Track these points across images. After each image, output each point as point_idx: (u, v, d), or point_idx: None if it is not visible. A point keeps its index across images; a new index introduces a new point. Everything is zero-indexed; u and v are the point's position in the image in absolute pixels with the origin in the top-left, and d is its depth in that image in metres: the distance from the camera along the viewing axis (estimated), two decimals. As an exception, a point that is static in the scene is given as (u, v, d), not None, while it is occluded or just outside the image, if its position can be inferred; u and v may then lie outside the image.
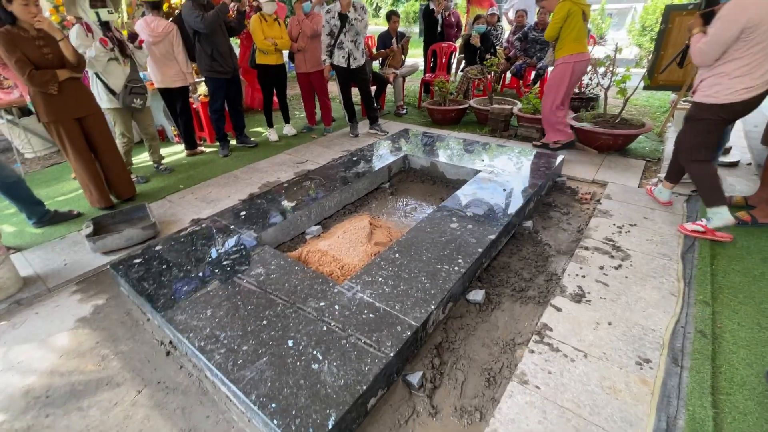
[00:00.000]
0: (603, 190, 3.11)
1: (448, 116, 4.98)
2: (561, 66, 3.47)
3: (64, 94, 2.70)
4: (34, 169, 4.26)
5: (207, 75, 3.84)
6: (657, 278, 2.10)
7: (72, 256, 2.55)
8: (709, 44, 2.18)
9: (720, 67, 2.22)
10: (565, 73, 3.45)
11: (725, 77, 2.20)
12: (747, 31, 2.06)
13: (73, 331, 1.99)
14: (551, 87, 3.59)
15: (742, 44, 2.11)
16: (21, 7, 2.44)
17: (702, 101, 2.32)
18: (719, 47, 2.15)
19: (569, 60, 3.40)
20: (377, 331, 1.60)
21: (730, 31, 2.09)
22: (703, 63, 2.28)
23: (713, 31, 2.16)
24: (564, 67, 3.45)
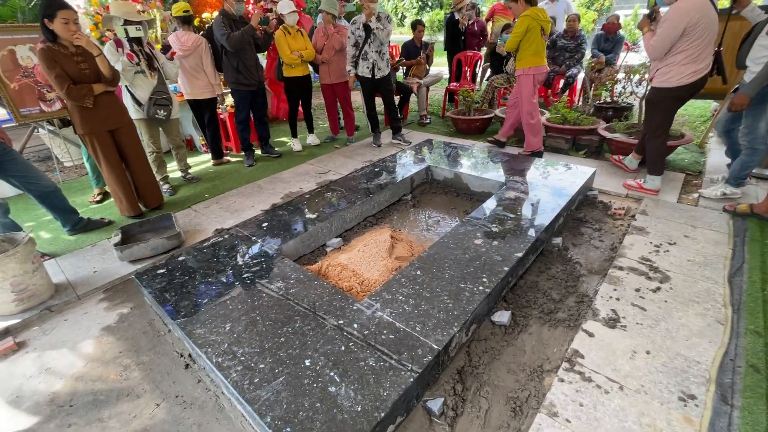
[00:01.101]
0: (638, 205, 2.94)
1: (472, 126, 4.89)
2: (523, 77, 3.74)
3: (98, 108, 2.81)
4: (71, 177, 4.46)
5: (233, 87, 3.93)
6: (701, 303, 1.94)
7: (101, 264, 2.63)
8: (660, 41, 2.65)
9: (670, 58, 2.70)
10: (528, 84, 3.71)
11: (675, 65, 2.68)
12: (689, 29, 2.55)
13: (98, 340, 2.03)
14: (525, 97, 3.78)
15: (685, 39, 2.59)
16: (62, 26, 2.56)
17: (659, 86, 2.80)
18: (668, 43, 2.63)
19: (529, 72, 3.67)
20: (397, 354, 1.54)
21: (676, 30, 2.57)
22: (656, 57, 2.75)
23: (662, 30, 2.62)
24: (526, 78, 3.71)
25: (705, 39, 2.58)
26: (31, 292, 2.20)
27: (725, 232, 2.51)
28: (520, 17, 3.54)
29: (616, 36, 5.41)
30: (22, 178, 2.65)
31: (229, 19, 3.72)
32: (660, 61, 2.75)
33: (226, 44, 3.64)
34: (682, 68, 2.66)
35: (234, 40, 3.61)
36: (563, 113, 4.22)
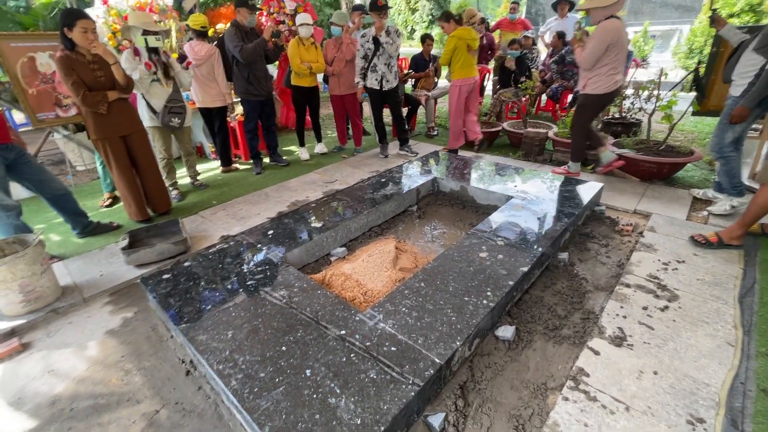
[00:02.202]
0: (646, 221, 2.91)
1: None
2: (452, 88, 4.34)
3: (111, 114, 2.87)
4: (83, 181, 4.54)
5: (243, 97, 4.01)
6: (710, 324, 1.90)
7: (108, 268, 2.65)
8: (590, 54, 3.15)
9: (598, 69, 3.21)
10: (455, 93, 4.32)
11: (603, 76, 3.20)
12: (611, 46, 3.08)
13: (101, 343, 2.04)
14: (451, 103, 4.41)
15: (609, 54, 3.12)
16: (80, 35, 2.64)
17: (591, 93, 3.31)
18: (596, 57, 3.15)
19: (457, 83, 4.28)
20: (398, 366, 1.52)
21: (602, 46, 3.08)
22: (587, 67, 3.25)
23: (591, 45, 3.13)
24: (454, 88, 4.32)
25: (621, 55, 3.14)
26: (38, 294, 2.22)
27: (736, 251, 2.47)
28: (449, 37, 4.13)
29: None
30: (35, 181, 2.70)
31: (242, 30, 3.80)
32: (589, 71, 3.26)
33: (238, 56, 3.72)
34: (608, 78, 3.20)
35: (246, 53, 3.69)
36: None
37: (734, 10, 7.92)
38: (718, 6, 7.97)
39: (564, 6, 5.98)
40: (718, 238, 2.49)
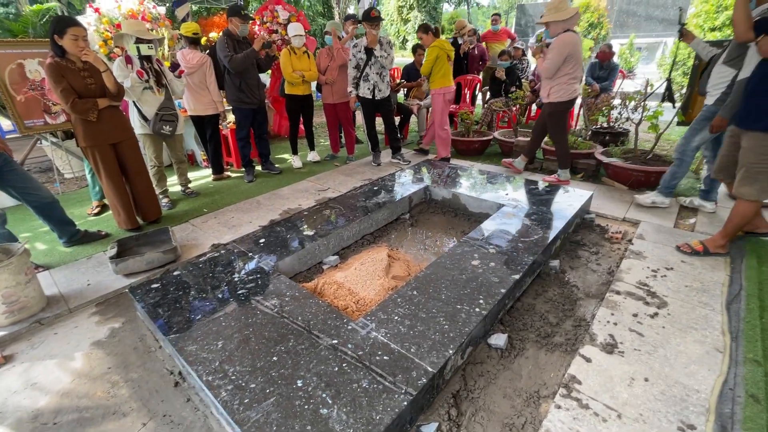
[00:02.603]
0: (635, 229, 2.96)
1: (471, 147, 4.96)
2: (435, 96, 4.44)
3: (101, 121, 2.85)
4: (71, 189, 4.48)
5: (234, 105, 4.01)
6: (699, 330, 1.92)
7: (95, 277, 2.60)
8: (550, 64, 3.41)
9: (558, 78, 3.47)
10: (439, 101, 4.41)
11: (564, 84, 3.47)
12: (569, 57, 3.35)
13: (87, 355, 1.99)
14: (437, 112, 4.48)
15: (567, 64, 3.38)
16: (71, 42, 2.63)
17: (556, 101, 3.55)
18: (556, 66, 3.40)
19: (440, 92, 4.38)
20: (391, 376, 1.51)
21: (561, 57, 3.35)
22: (548, 76, 3.50)
23: (551, 56, 3.39)
24: (437, 96, 4.41)
25: (578, 65, 3.41)
26: (22, 304, 2.17)
27: (722, 258, 2.51)
28: (430, 47, 4.25)
29: (610, 64, 5.55)
30: (21, 189, 2.66)
31: (233, 39, 3.81)
32: (551, 80, 3.52)
33: (228, 65, 3.74)
34: (568, 86, 3.47)
35: (235, 63, 3.70)
36: (561, 137, 4.28)
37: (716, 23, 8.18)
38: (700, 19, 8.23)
39: (552, 18, 6.10)
40: (704, 247, 2.53)
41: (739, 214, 2.40)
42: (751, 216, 2.39)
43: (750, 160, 2.27)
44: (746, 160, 2.29)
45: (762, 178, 2.25)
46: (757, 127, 2.21)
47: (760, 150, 2.21)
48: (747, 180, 2.30)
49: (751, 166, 2.27)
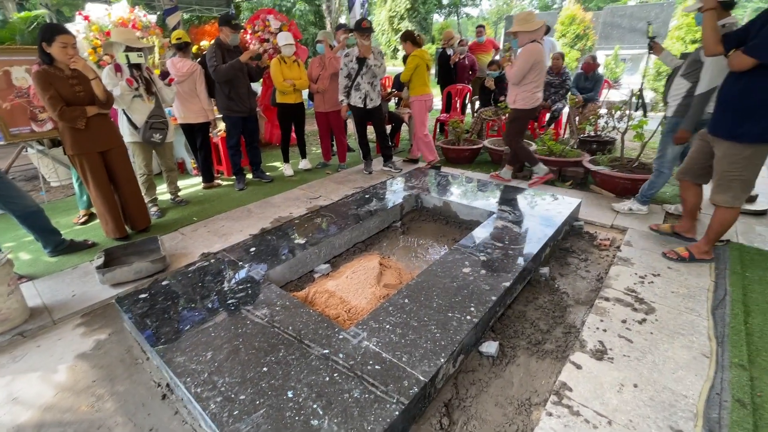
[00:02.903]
0: (623, 236, 3.00)
1: (462, 155, 5.01)
2: (416, 102, 4.58)
3: (90, 129, 2.82)
4: (57, 198, 4.40)
5: (224, 114, 4.01)
6: (686, 335, 1.95)
7: (81, 287, 2.55)
8: (517, 71, 3.62)
9: (524, 86, 3.68)
10: (421, 107, 4.59)
11: (529, 92, 3.69)
12: (535, 66, 3.57)
13: (71, 368, 1.94)
14: (417, 118, 4.64)
15: (532, 72, 3.61)
16: (59, 49, 2.61)
17: (521, 108, 3.79)
18: (522, 73, 3.61)
19: (420, 98, 4.56)
20: (383, 385, 1.50)
21: (527, 65, 3.57)
22: (515, 82, 3.71)
23: (518, 64, 3.60)
24: (418, 103, 4.57)
25: (541, 75, 3.65)
26: (4, 316, 2.11)
27: (707, 264, 2.57)
28: (411, 56, 4.42)
29: (595, 75, 5.68)
30: (4, 198, 2.60)
31: (223, 48, 3.82)
32: (517, 87, 3.72)
33: (212, 75, 3.78)
34: (532, 95, 3.70)
35: (220, 73, 3.74)
36: (549, 146, 4.36)
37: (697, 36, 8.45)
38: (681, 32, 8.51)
39: (540, 30, 6.24)
40: (689, 253, 2.59)
41: (719, 221, 2.46)
42: (730, 223, 2.45)
43: (723, 168, 2.35)
44: (719, 169, 2.37)
45: (735, 185, 2.33)
46: (729, 137, 2.29)
47: (732, 159, 2.29)
48: (721, 188, 2.38)
49: (724, 174, 2.35)
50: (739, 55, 2.10)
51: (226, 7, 9.42)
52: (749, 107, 2.17)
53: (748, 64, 2.08)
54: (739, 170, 2.29)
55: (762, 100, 2.12)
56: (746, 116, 2.18)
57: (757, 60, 2.03)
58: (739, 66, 2.12)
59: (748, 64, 2.07)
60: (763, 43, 2.01)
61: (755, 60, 2.04)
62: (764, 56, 2.01)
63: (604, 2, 24.35)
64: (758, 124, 2.16)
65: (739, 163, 2.27)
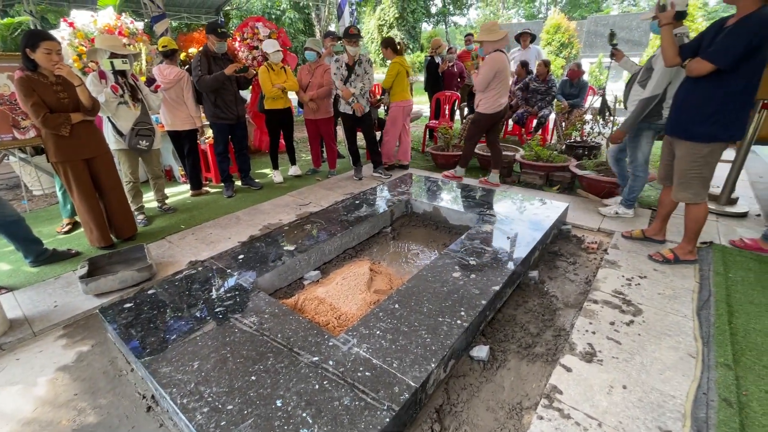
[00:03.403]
0: (610, 239, 3.05)
1: (451, 161, 5.04)
2: (395, 108, 4.73)
3: (74, 136, 2.77)
4: (40, 206, 4.30)
5: (211, 121, 3.99)
6: (672, 336, 1.98)
7: (63, 298, 2.49)
8: (482, 78, 3.81)
9: (489, 92, 3.87)
10: (399, 113, 4.74)
11: (492, 98, 3.89)
12: (497, 74, 3.76)
13: (52, 381, 1.88)
14: (394, 123, 4.79)
15: (496, 80, 3.79)
16: (43, 56, 2.57)
17: (484, 112, 3.97)
18: (487, 80, 3.79)
19: (400, 104, 4.71)
20: (373, 392, 1.48)
21: (491, 73, 3.75)
22: (480, 89, 3.90)
23: (483, 71, 3.79)
24: (397, 108, 4.72)
25: (505, 82, 3.84)
26: (-19, 329, 2.05)
27: (691, 265, 2.61)
28: (392, 63, 4.55)
29: (580, 81, 5.80)
30: (-17, 207, 2.54)
31: (210, 57, 3.80)
32: (482, 93, 3.92)
33: (197, 85, 3.79)
34: (494, 101, 3.90)
35: (203, 84, 3.75)
36: (536, 151, 4.42)
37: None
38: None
39: (526, 38, 6.38)
40: (674, 255, 2.65)
41: (692, 219, 2.57)
42: (702, 218, 2.55)
43: (682, 166, 2.49)
44: (679, 167, 2.51)
45: (694, 182, 2.47)
46: (686, 137, 2.43)
47: (691, 158, 2.43)
48: (682, 185, 2.52)
49: (684, 172, 2.48)
50: (699, 61, 2.23)
51: (215, 15, 9.42)
52: (705, 109, 2.30)
53: (707, 69, 2.21)
54: (698, 168, 2.43)
55: (717, 102, 2.27)
56: (703, 118, 2.32)
57: (715, 65, 2.17)
58: (699, 71, 2.25)
59: (708, 69, 2.21)
60: (721, 50, 2.15)
61: (714, 66, 2.18)
62: (721, 62, 2.16)
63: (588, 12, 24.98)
64: (714, 125, 2.30)
65: (698, 162, 2.41)
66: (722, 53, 2.15)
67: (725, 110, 2.26)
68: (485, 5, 27.98)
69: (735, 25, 2.14)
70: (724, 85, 2.22)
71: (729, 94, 2.23)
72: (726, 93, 2.23)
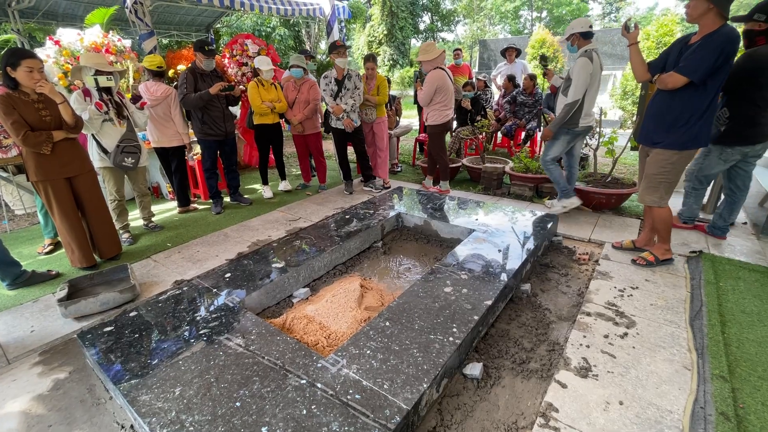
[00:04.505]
0: (600, 250, 3.05)
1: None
2: (383, 124, 4.78)
3: (56, 154, 2.71)
4: (21, 226, 4.18)
5: (199, 137, 3.96)
6: (667, 348, 1.95)
7: (41, 322, 2.39)
8: (425, 94, 4.16)
9: (433, 106, 4.21)
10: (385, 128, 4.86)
11: (437, 111, 4.22)
12: (438, 88, 4.08)
13: (24, 412, 1.78)
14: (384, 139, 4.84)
15: (438, 95, 4.12)
16: (25, 74, 2.52)
17: (433, 124, 4.30)
18: (429, 95, 4.14)
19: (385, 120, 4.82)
20: (363, 416, 1.43)
21: (432, 88, 4.08)
22: (424, 104, 4.27)
23: (425, 88, 4.15)
24: (384, 124, 4.80)
25: (448, 96, 4.16)
26: (-49, 358, 1.94)
27: (682, 275, 2.61)
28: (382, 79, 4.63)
29: None
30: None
31: (196, 74, 3.78)
32: (428, 107, 4.26)
33: (181, 103, 3.80)
34: (441, 112, 4.21)
35: (187, 102, 3.75)
36: (526, 163, 4.45)
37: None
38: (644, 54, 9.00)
39: (511, 52, 6.51)
40: (654, 257, 2.74)
41: (659, 220, 2.68)
42: (668, 218, 2.66)
43: (651, 171, 2.61)
44: (648, 171, 2.64)
45: (661, 187, 2.58)
46: (658, 145, 2.56)
47: (660, 164, 2.55)
48: (649, 189, 2.63)
49: (652, 177, 2.60)
50: (673, 75, 2.36)
51: (205, 33, 9.47)
52: (676, 120, 2.44)
53: (682, 82, 2.34)
54: (666, 174, 2.55)
55: (686, 113, 2.40)
56: (673, 127, 2.46)
57: (689, 79, 2.29)
58: (674, 84, 2.37)
59: (682, 81, 2.33)
60: (694, 64, 2.28)
61: (687, 79, 2.30)
62: (694, 75, 2.28)
63: (571, 27, 25.74)
64: (684, 135, 2.43)
65: (666, 168, 2.53)
66: (696, 67, 2.27)
67: (694, 121, 2.39)
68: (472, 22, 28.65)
69: (702, 42, 2.28)
70: (693, 98, 2.36)
71: (697, 107, 2.36)
72: (695, 105, 2.37)
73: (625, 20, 2.63)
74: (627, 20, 2.59)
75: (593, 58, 3.11)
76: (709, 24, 2.27)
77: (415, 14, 24.88)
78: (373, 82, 4.57)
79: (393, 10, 22.42)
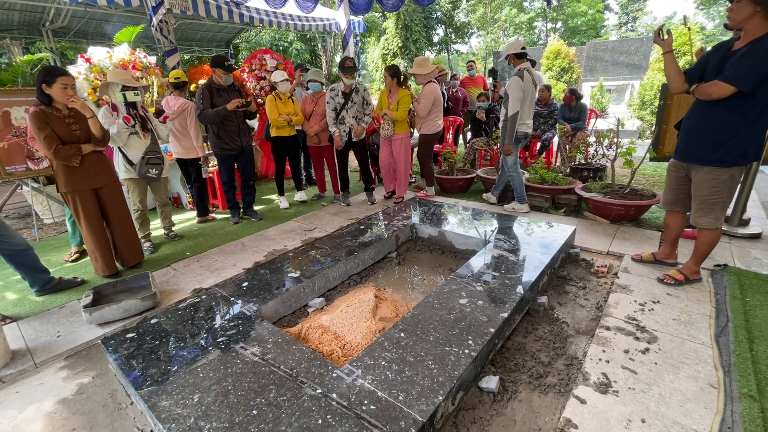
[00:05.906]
0: (620, 262, 2.98)
1: (456, 185, 5.05)
2: (405, 139, 4.56)
3: (84, 167, 2.84)
4: (49, 235, 4.35)
5: (215, 151, 4.05)
6: (691, 365, 1.89)
7: (67, 328, 2.47)
8: (424, 106, 4.36)
9: (429, 117, 4.47)
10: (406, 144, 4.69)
11: (432, 122, 4.51)
12: (434, 101, 4.36)
13: (50, 416, 1.84)
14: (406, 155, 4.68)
15: (434, 106, 4.39)
16: (59, 90, 2.66)
17: (426, 133, 4.59)
18: (428, 108, 4.38)
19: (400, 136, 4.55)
20: (377, 428, 1.42)
21: (430, 100, 4.33)
22: (423, 115, 4.46)
23: (424, 101, 4.35)
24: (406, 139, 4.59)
25: (439, 107, 4.48)
26: (-17, 361, 2.03)
27: (706, 289, 2.54)
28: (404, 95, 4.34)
29: (578, 105, 5.85)
30: (-7, 236, 2.57)
31: (213, 90, 3.85)
32: (423, 118, 4.48)
33: (198, 118, 3.89)
34: (434, 123, 4.51)
35: (204, 117, 3.83)
36: (541, 174, 4.42)
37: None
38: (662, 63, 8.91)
39: (526, 64, 6.51)
40: (684, 276, 2.61)
41: (705, 242, 2.52)
42: (715, 242, 2.52)
43: (702, 192, 2.44)
44: (698, 193, 2.47)
45: (716, 207, 2.42)
46: (704, 162, 2.39)
47: (710, 183, 2.39)
48: (702, 211, 2.46)
49: (704, 199, 2.43)
50: (717, 83, 2.20)
51: (225, 48, 9.79)
52: (723, 135, 2.27)
53: (729, 92, 2.17)
54: (719, 193, 2.38)
55: (733, 125, 2.23)
56: (720, 143, 2.29)
57: (738, 88, 2.13)
58: (719, 94, 2.21)
59: (729, 91, 2.16)
60: (742, 72, 2.11)
61: (735, 88, 2.13)
62: (744, 84, 2.11)
63: (587, 38, 25.58)
64: (733, 150, 2.26)
65: (718, 187, 2.37)
66: (744, 75, 2.10)
67: (743, 134, 2.22)
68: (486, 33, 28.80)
69: (750, 48, 2.10)
70: (741, 109, 2.19)
71: (746, 119, 2.19)
72: (743, 117, 2.19)
73: (657, 27, 2.48)
74: (660, 27, 2.44)
75: (524, 76, 3.68)
76: (756, 28, 2.08)
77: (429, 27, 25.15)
78: (395, 96, 4.34)
79: (407, 24, 22.73)
